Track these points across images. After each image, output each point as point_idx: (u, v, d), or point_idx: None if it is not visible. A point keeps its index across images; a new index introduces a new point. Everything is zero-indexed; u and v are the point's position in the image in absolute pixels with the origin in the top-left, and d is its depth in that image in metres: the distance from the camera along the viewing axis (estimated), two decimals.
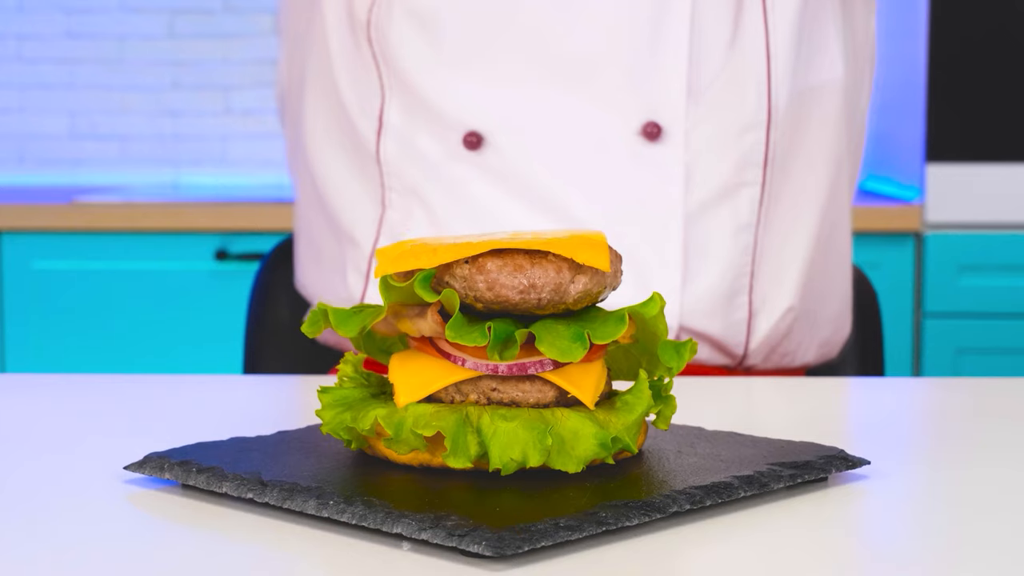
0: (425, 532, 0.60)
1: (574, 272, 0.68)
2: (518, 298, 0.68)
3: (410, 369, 0.70)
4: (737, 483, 0.67)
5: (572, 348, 0.68)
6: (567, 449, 0.67)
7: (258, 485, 0.66)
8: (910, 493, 0.71)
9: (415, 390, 0.69)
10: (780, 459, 0.71)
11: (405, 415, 0.68)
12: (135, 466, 0.72)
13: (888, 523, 0.66)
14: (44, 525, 0.65)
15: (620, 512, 0.62)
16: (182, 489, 0.71)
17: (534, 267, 0.68)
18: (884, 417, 0.91)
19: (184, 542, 0.63)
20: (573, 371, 0.70)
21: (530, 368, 0.69)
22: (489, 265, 0.68)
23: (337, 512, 0.63)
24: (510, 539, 0.58)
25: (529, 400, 0.69)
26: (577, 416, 0.68)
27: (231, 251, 2.78)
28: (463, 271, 0.68)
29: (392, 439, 0.68)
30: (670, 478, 0.67)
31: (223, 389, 1.04)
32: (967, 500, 0.70)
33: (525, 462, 0.66)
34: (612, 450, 0.68)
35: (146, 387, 1.02)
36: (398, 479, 0.67)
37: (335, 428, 0.70)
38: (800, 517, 0.67)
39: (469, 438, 0.66)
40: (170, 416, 0.91)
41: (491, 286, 0.68)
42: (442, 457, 0.67)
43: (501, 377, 0.69)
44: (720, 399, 0.97)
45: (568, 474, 0.68)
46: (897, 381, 1.05)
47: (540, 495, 0.64)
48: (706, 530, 0.64)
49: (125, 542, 0.63)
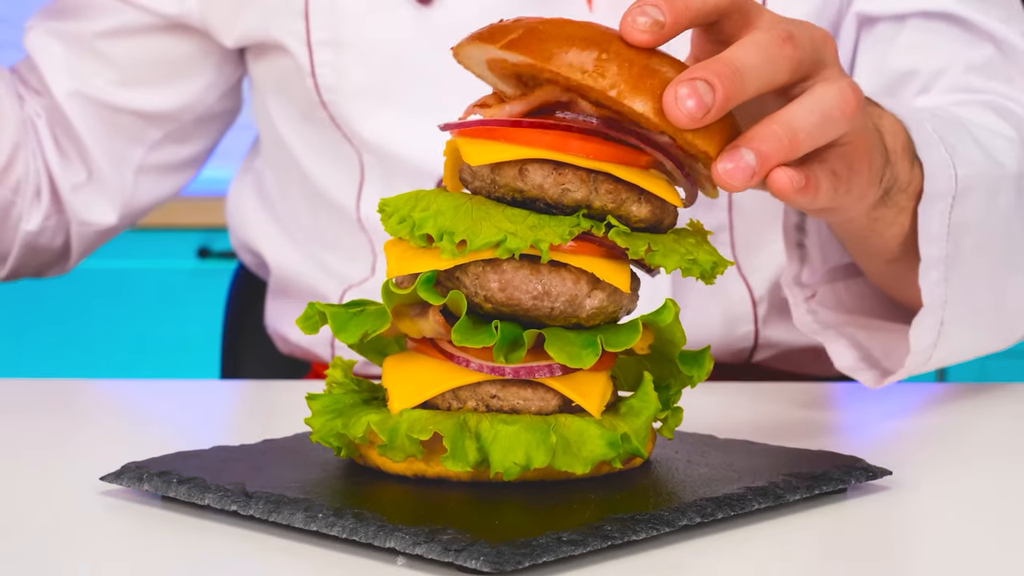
0: (420, 547, 0.60)
1: (592, 287, 0.69)
2: (530, 303, 0.68)
3: (405, 373, 0.70)
4: (750, 495, 0.67)
5: (583, 355, 0.68)
6: (573, 450, 0.67)
7: (242, 497, 0.66)
8: (934, 505, 0.71)
9: (411, 395, 0.69)
10: (796, 469, 0.71)
11: (400, 421, 0.68)
12: (112, 477, 0.71)
13: (910, 537, 0.66)
14: (15, 540, 0.65)
15: (626, 525, 0.62)
16: (162, 501, 0.71)
17: (552, 274, 0.68)
18: (906, 425, 0.91)
19: (164, 557, 0.63)
20: (578, 379, 0.70)
21: (537, 373, 0.69)
22: (505, 265, 0.68)
23: (326, 525, 0.63)
24: (510, 554, 0.58)
25: (531, 408, 0.69)
26: (582, 420, 0.68)
27: (214, 249, 2.78)
28: (477, 269, 0.68)
29: (386, 446, 0.68)
30: (679, 489, 0.67)
31: (205, 394, 1.04)
32: (994, 512, 0.70)
33: (529, 464, 0.66)
34: (621, 450, 0.68)
35: (124, 392, 1.02)
36: (391, 490, 0.67)
37: (325, 436, 0.70)
38: (817, 531, 0.67)
39: (468, 443, 0.66)
40: (149, 423, 0.91)
41: (504, 287, 0.68)
42: (440, 460, 0.67)
43: (502, 383, 0.69)
44: (733, 405, 0.97)
45: (571, 486, 0.68)
46: (920, 387, 1.05)
47: (542, 508, 0.64)
48: (717, 545, 0.64)
49: (101, 558, 0.63)
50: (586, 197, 0.68)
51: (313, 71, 1.15)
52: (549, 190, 0.68)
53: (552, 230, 0.67)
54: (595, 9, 1.10)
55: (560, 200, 0.68)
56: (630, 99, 0.67)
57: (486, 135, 0.69)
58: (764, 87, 0.69)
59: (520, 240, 0.66)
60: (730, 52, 0.69)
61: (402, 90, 1.14)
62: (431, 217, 0.68)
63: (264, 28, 1.17)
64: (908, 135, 0.87)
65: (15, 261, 1.23)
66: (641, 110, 0.67)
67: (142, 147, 1.25)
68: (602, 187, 0.68)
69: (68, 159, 1.23)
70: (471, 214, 0.67)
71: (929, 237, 0.88)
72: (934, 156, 0.88)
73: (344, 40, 1.14)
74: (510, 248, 0.66)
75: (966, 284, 0.90)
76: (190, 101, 1.24)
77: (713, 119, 0.67)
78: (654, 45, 0.68)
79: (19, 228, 1.22)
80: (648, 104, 0.67)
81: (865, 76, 1.13)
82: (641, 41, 0.68)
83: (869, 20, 1.14)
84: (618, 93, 0.67)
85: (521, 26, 0.69)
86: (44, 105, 1.23)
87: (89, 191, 1.24)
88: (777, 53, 0.70)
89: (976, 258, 0.91)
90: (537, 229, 0.67)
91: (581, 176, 0.68)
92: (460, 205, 0.68)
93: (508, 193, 0.68)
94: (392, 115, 1.14)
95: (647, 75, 0.67)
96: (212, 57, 1.23)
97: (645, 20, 0.68)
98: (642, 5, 0.68)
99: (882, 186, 0.83)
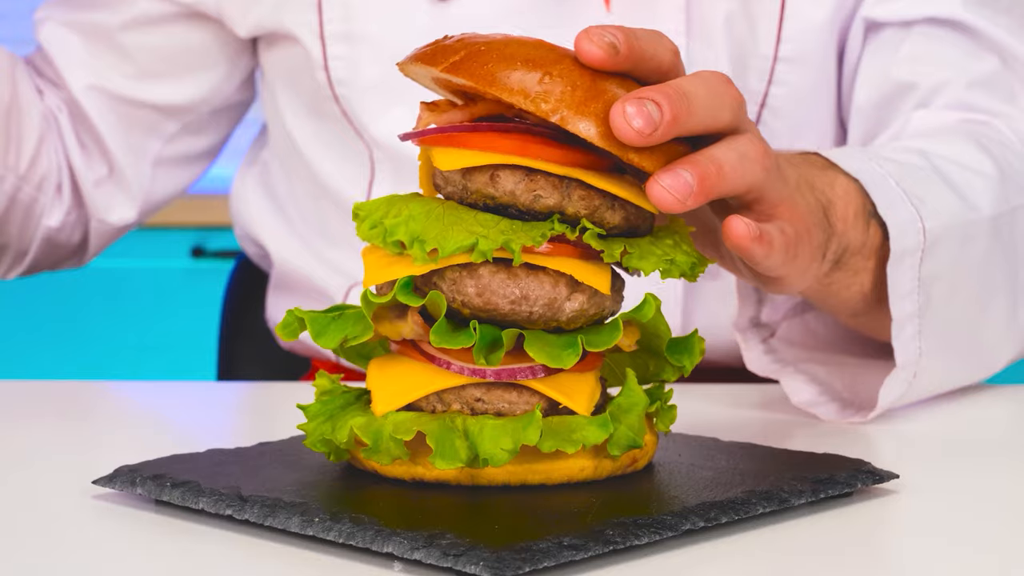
0: (418, 552, 0.60)
1: (571, 289, 0.69)
2: (508, 308, 0.68)
3: (389, 375, 0.71)
4: (755, 499, 0.67)
5: (564, 355, 0.68)
6: (563, 434, 0.67)
7: (237, 501, 0.66)
8: (942, 509, 0.71)
9: (394, 398, 0.69)
10: (801, 473, 0.71)
11: (384, 423, 0.68)
12: (104, 480, 0.71)
13: (918, 542, 0.66)
14: (5, 545, 0.65)
15: (628, 530, 0.62)
16: (155, 505, 0.71)
17: (529, 278, 0.68)
18: (914, 427, 0.91)
19: (157, 562, 0.63)
20: (565, 381, 0.70)
21: (519, 374, 0.69)
22: (482, 270, 0.68)
23: (323, 530, 0.63)
24: (510, 559, 0.58)
25: (516, 412, 0.69)
26: (572, 416, 0.69)
27: (208, 248, 2.78)
28: (454, 274, 0.68)
29: (371, 449, 0.68)
30: (682, 493, 0.67)
31: (199, 397, 1.04)
32: (1004, 517, 0.70)
33: (516, 446, 0.66)
34: (611, 431, 0.68)
35: (116, 395, 1.02)
36: (389, 494, 0.67)
37: (314, 441, 0.70)
38: (823, 536, 0.66)
39: (457, 443, 0.67)
40: (142, 426, 0.91)
41: (481, 292, 0.68)
42: (428, 459, 0.67)
43: (487, 386, 0.69)
44: (736, 407, 0.97)
45: (572, 489, 0.68)
46: None
47: (542, 511, 0.64)
48: (721, 550, 0.64)
49: (94, 563, 0.63)
50: (559, 203, 0.68)
51: (326, 64, 1.15)
52: (521, 196, 0.68)
53: (525, 234, 0.67)
54: (612, 9, 1.10)
55: (532, 206, 0.68)
56: (573, 124, 0.67)
57: (446, 142, 0.69)
58: (708, 120, 0.71)
59: (491, 242, 0.66)
60: (678, 80, 0.70)
61: (416, 86, 1.14)
62: (402, 223, 0.68)
63: (276, 18, 1.17)
64: (865, 196, 0.88)
65: (34, 256, 1.24)
66: (586, 134, 0.67)
67: (159, 140, 1.26)
68: (575, 193, 0.68)
69: (89, 154, 1.24)
70: (442, 219, 0.68)
71: (900, 295, 0.88)
72: (900, 214, 0.89)
73: (358, 34, 1.14)
74: (482, 251, 0.66)
75: (940, 331, 0.91)
76: (207, 93, 1.25)
77: (660, 139, 0.68)
78: (605, 67, 0.68)
79: (40, 224, 1.22)
80: (592, 129, 0.67)
81: (866, 86, 1.13)
82: (596, 57, 0.68)
83: (876, 26, 1.14)
84: (561, 119, 0.67)
85: (464, 46, 0.69)
86: (63, 99, 1.23)
87: (110, 186, 1.25)
88: (723, 91, 0.72)
89: (948, 304, 0.92)
90: (509, 233, 0.67)
91: (553, 182, 0.68)
92: (432, 210, 0.68)
93: (480, 199, 0.69)
94: (405, 112, 1.14)
95: (591, 98, 0.67)
96: (228, 48, 1.24)
97: (605, 39, 0.68)
98: (602, 28, 0.69)
99: (827, 259, 0.84)
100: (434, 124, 0.72)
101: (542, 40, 0.70)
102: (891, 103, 1.12)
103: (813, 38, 1.14)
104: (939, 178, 0.95)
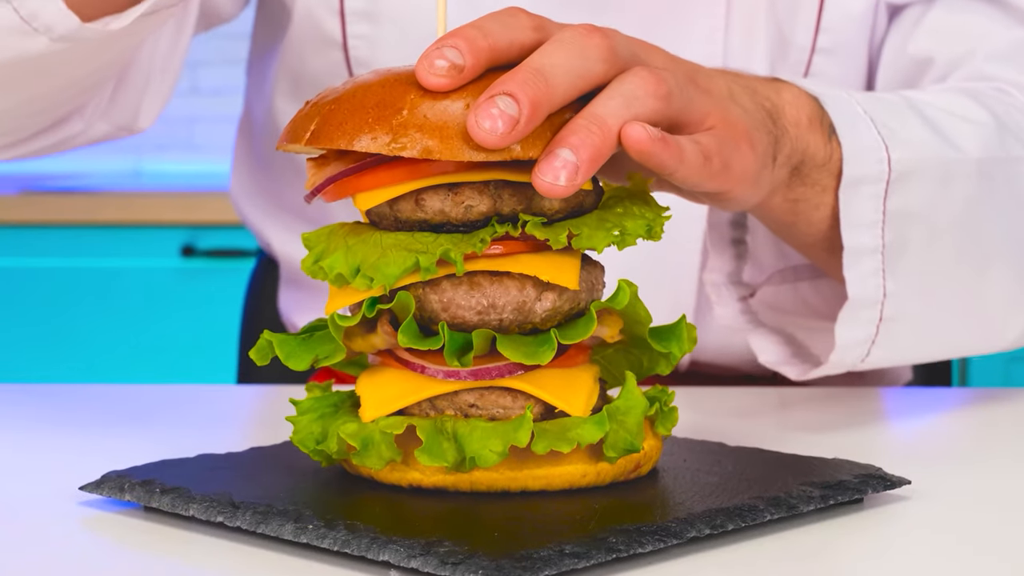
0: (415, 560, 0.60)
1: (540, 290, 0.69)
2: (476, 319, 0.68)
3: (378, 383, 0.71)
4: (762, 505, 0.67)
5: (539, 352, 0.68)
6: (559, 432, 0.67)
7: (229, 507, 0.66)
8: (955, 516, 0.71)
9: (383, 404, 0.69)
10: (810, 478, 0.71)
11: (373, 429, 0.68)
12: (92, 486, 0.71)
13: (931, 549, 0.66)
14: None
15: (632, 537, 0.62)
16: (144, 512, 0.71)
17: (493, 285, 0.68)
18: (926, 432, 0.91)
19: (146, 571, 0.63)
20: (558, 382, 0.70)
21: (495, 373, 0.69)
22: (444, 284, 0.68)
23: (317, 537, 0.63)
24: (510, 567, 0.58)
25: (511, 416, 0.69)
26: (568, 417, 0.69)
27: (199, 247, 2.78)
28: (416, 291, 0.68)
29: (360, 452, 0.68)
30: (688, 499, 0.67)
31: (189, 400, 1.04)
32: (1018, 524, 0.70)
33: (505, 449, 0.66)
34: (607, 429, 0.68)
35: (104, 398, 1.02)
36: (385, 500, 0.67)
37: (304, 437, 0.70)
38: (833, 543, 0.67)
39: (445, 444, 0.67)
40: (131, 430, 0.91)
41: (446, 307, 0.68)
42: (415, 454, 0.67)
43: (480, 391, 0.69)
44: (744, 411, 0.97)
45: (574, 495, 0.68)
46: (941, 392, 1.05)
47: (543, 518, 0.64)
48: (728, 558, 0.64)
49: (80, 572, 0.63)
50: (491, 207, 0.68)
51: (345, 43, 1.12)
52: (451, 211, 0.68)
53: (465, 242, 0.67)
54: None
55: (467, 217, 0.68)
56: (447, 157, 0.66)
57: (342, 190, 0.70)
58: (578, 81, 0.68)
59: (431, 256, 0.66)
60: (532, 56, 0.68)
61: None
62: (340, 256, 0.68)
63: None
64: (822, 110, 0.85)
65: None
66: (467, 158, 0.66)
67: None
68: (503, 192, 0.68)
69: None
70: (380, 243, 0.68)
71: (854, 223, 0.86)
72: (861, 136, 0.86)
73: (382, 12, 1.12)
74: (425, 267, 0.66)
75: (920, 279, 0.89)
76: None
77: (526, 130, 0.66)
78: (454, 87, 0.67)
79: None
80: (467, 151, 0.66)
81: (884, 68, 1.13)
82: (440, 87, 0.67)
83: (897, 9, 1.13)
84: (427, 154, 0.66)
85: (317, 111, 0.69)
86: None
87: None
88: (585, 43, 0.69)
89: (930, 251, 0.89)
90: (448, 244, 0.67)
91: (478, 188, 0.68)
92: (369, 238, 0.68)
93: (415, 225, 0.68)
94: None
95: (450, 120, 0.66)
96: None
97: (443, 64, 0.67)
98: (440, 47, 0.67)
99: (780, 164, 0.81)
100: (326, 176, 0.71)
101: (388, 72, 0.69)
102: (907, 83, 1.11)
103: (851, 28, 1.12)
104: (915, 114, 0.92)
